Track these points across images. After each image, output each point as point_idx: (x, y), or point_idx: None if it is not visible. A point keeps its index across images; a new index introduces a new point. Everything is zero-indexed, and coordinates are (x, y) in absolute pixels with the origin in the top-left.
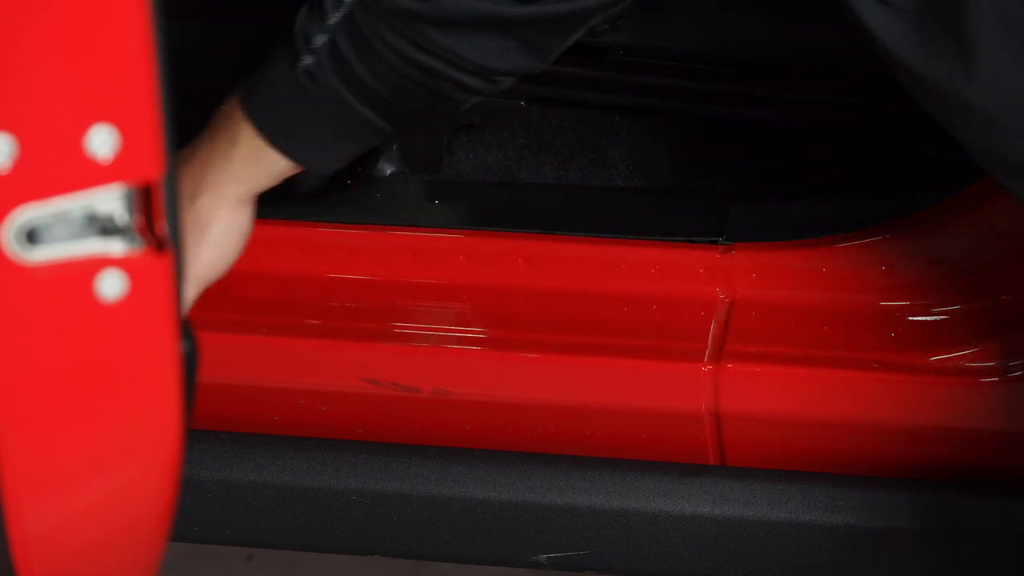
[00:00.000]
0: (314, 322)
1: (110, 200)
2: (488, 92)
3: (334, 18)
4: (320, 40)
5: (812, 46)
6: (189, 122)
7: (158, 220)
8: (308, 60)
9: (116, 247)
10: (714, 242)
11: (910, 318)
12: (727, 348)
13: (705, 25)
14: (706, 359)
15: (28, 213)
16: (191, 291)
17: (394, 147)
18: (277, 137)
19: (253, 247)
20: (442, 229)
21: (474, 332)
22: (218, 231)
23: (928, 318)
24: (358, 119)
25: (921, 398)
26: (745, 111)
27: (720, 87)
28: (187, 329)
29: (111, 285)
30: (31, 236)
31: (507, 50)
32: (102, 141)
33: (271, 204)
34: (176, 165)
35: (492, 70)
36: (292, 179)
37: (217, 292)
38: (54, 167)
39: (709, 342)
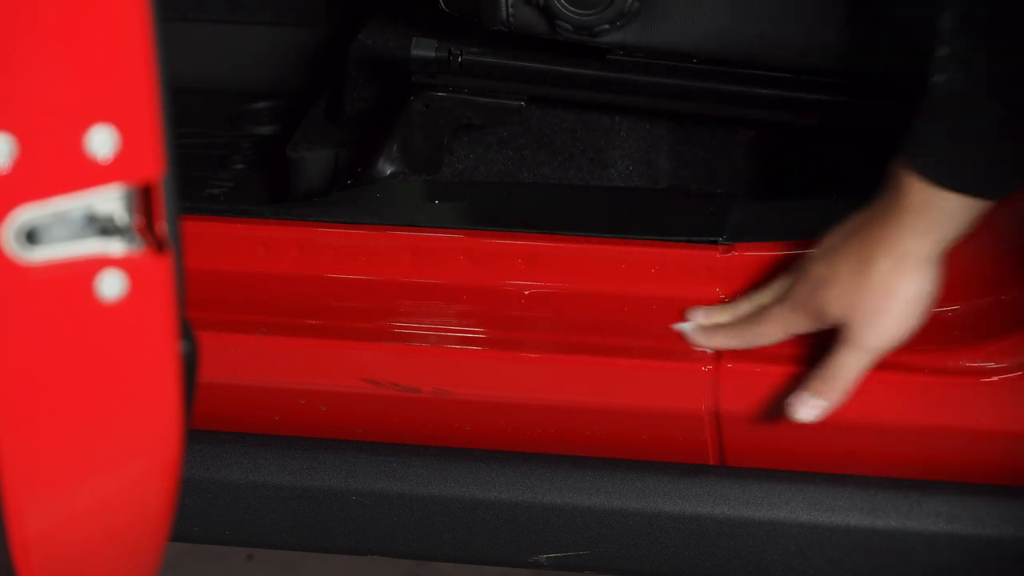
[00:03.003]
0: (314, 322)
1: (110, 200)
2: None
3: (949, 22)
4: (943, 52)
5: (812, 46)
6: (189, 122)
7: (158, 220)
8: (941, 77)
9: (116, 247)
10: (714, 242)
11: None
12: None
13: (706, 25)
14: (706, 359)
15: (28, 213)
16: (867, 361)
17: (394, 147)
18: (937, 173)
19: (253, 247)
20: (442, 229)
21: (474, 332)
22: (903, 296)
23: (928, 318)
24: (1008, 125)
25: (921, 398)
26: (745, 111)
27: (720, 87)
28: (187, 329)
29: (111, 285)
30: (31, 236)
31: None
32: (102, 141)
33: (271, 204)
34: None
35: None
36: (292, 179)
37: (217, 292)
38: (54, 167)
39: None
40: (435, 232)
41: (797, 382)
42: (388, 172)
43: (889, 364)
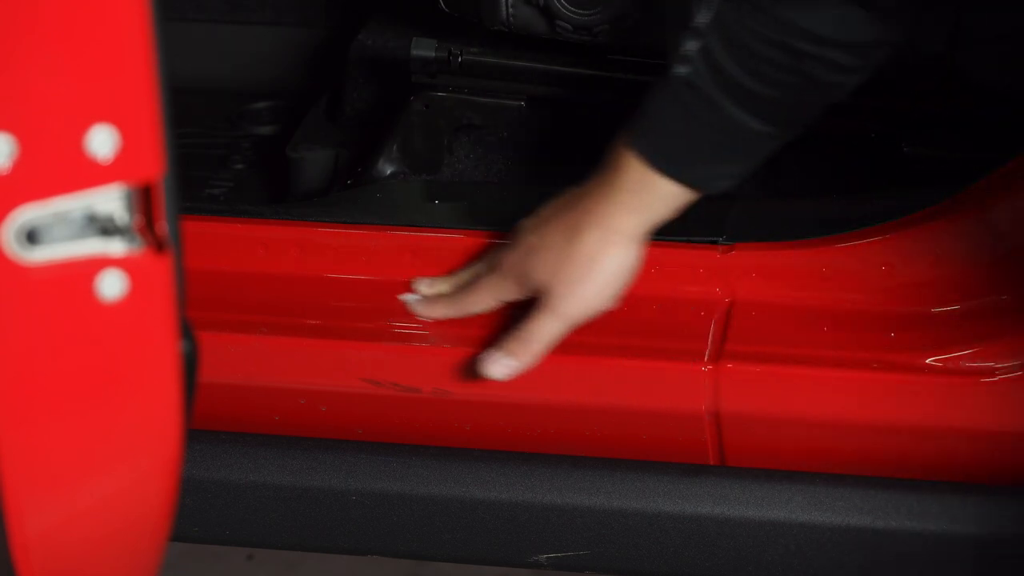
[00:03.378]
0: (314, 322)
1: (110, 200)
2: (863, 68)
3: (703, 19)
4: (692, 46)
5: None
6: (189, 122)
7: (158, 220)
8: (683, 69)
9: (116, 247)
10: (714, 242)
11: (910, 318)
12: (727, 348)
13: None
14: (706, 359)
15: (28, 213)
16: (562, 328)
17: (394, 147)
18: (659, 158)
19: (253, 247)
20: (442, 229)
21: (474, 332)
22: (606, 269)
23: (928, 318)
24: (734, 124)
25: (921, 398)
26: None
27: None
28: (187, 329)
29: (111, 285)
30: (31, 236)
31: (863, 20)
32: (102, 141)
33: (271, 204)
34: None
35: (858, 44)
36: (292, 179)
37: (217, 292)
38: (54, 167)
39: (709, 342)
40: (435, 232)
41: (797, 382)
42: (388, 172)
43: (889, 364)
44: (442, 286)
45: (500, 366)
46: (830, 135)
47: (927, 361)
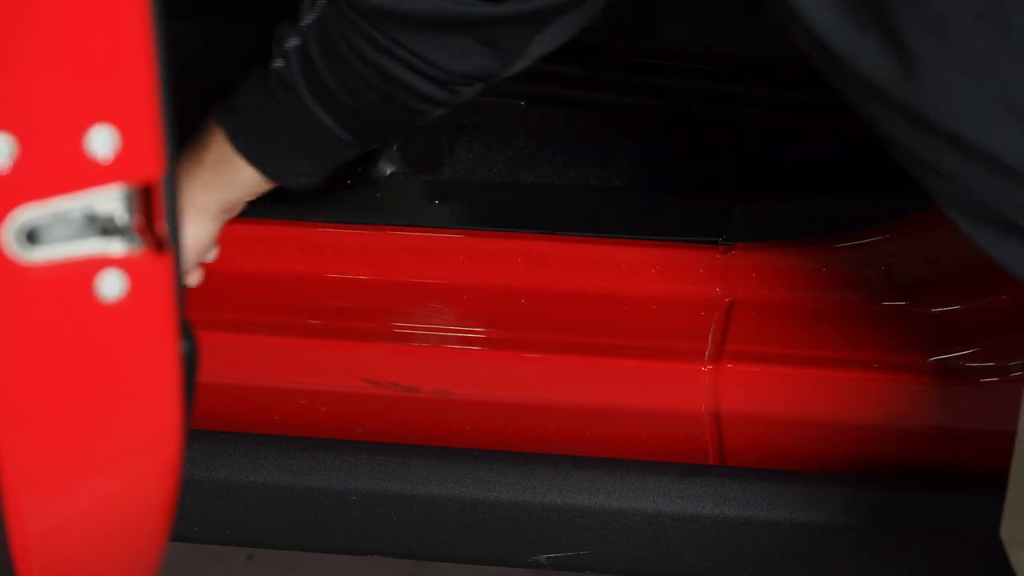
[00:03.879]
0: (314, 322)
1: (110, 200)
2: (445, 102)
3: (307, 20)
4: (293, 43)
5: None
6: (189, 122)
7: (158, 220)
8: (280, 63)
9: (116, 247)
10: (714, 242)
11: (910, 318)
12: (727, 348)
13: (705, 25)
14: (706, 359)
15: (28, 213)
16: None
17: (394, 147)
18: (241, 141)
19: (253, 247)
20: (442, 229)
21: (474, 332)
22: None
23: (928, 318)
24: (319, 127)
25: (921, 398)
26: (745, 111)
27: (720, 87)
28: (187, 329)
29: (111, 285)
30: (31, 236)
31: (468, 51)
32: (102, 141)
33: (271, 204)
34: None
35: (453, 74)
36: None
37: (217, 292)
38: (54, 167)
39: (709, 342)
40: (435, 232)
41: (797, 382)
42: (388, 172)
43: (889, 364)
44: None
45: None
46: (830, 135)
47: (927, 361)
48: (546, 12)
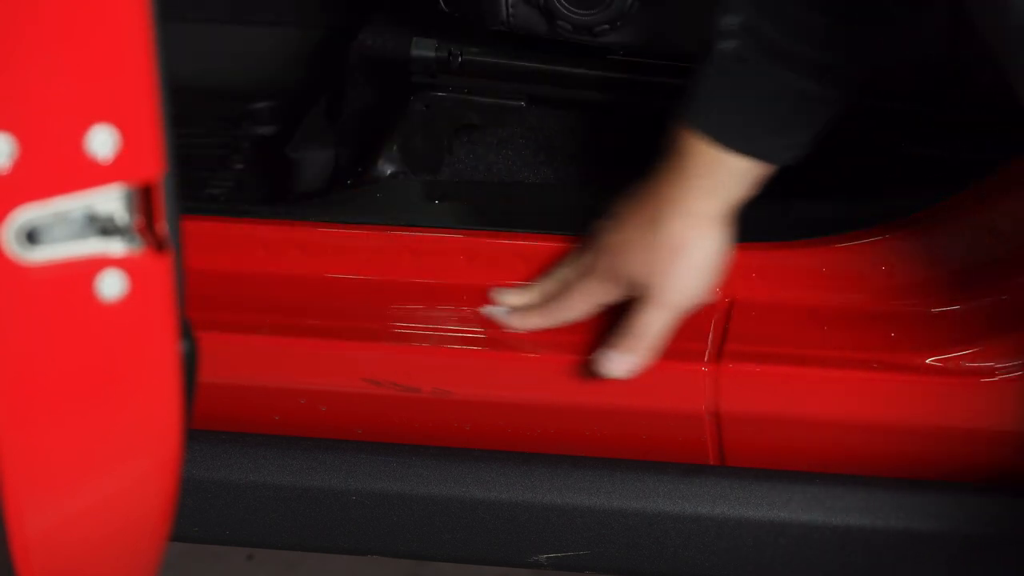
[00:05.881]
0: (314, 322)
1: (110, 200)
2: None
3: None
4: (733, 21)
5: None
6: (189, 122)
7: (158, 220)
8: (730, 44)
9: (116, 247)
10: None
11: (910, 318)
12: (727, 348)
13: (706, 25)
14: (706, 359)
15: (28, 213)
16: (669, 318)
17: (394, 147)
18: (723, 134)
19: (253, 247)
20: (442, 229)
21: (474, 332)
22: (696, 254)
23: (928, 318)
24: (792, 91)
25: (921, 398)
26: None
27: None
28: (187, 329)
29: (111, 285)
30: (31, 236)
31: None
32: (102, 141)
33: (271, 204)
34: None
35: None
36: (292, 179)
37: (217, 292)
38: (54, 167)
39: (709, 342)
40: (435, 232)
41: (797, 382)
42: (388, 172)
43: (889, 364)
44: (530, 296)
45: (621, 363)
46: (830, 135)
47: (927, 361)
48: None
